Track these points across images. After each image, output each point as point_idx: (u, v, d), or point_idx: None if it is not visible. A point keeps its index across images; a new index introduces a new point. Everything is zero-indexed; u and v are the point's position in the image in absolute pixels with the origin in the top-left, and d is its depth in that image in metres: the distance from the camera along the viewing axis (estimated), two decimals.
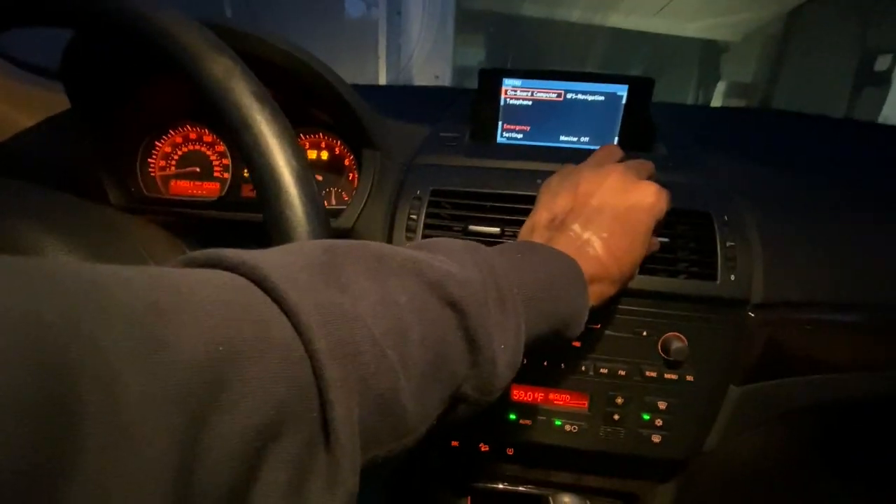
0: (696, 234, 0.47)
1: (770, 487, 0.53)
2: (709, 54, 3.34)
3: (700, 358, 0.46)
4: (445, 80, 2.53)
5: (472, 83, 0.64)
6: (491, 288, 0.26)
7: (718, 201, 0.48)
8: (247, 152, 0.26)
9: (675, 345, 0.45)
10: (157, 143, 0.58)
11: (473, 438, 0.53)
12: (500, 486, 0.57)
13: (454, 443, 0.54)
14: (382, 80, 2.22)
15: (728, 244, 0.46)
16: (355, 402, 0.19)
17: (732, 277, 0.45)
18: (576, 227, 0.36)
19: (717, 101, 2.93)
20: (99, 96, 0.50)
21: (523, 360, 0.48)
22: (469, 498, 0.60)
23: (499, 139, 0.63)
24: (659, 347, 0.46)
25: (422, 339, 0.23)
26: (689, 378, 0.47)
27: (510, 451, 0.54)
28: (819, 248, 0.48)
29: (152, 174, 0.58)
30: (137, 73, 0.51)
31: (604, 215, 0.36)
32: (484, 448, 0.54)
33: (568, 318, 0.32)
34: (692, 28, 2.99)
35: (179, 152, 0.58)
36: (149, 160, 0.58)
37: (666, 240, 0.46)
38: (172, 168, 0.58)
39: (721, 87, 2.94)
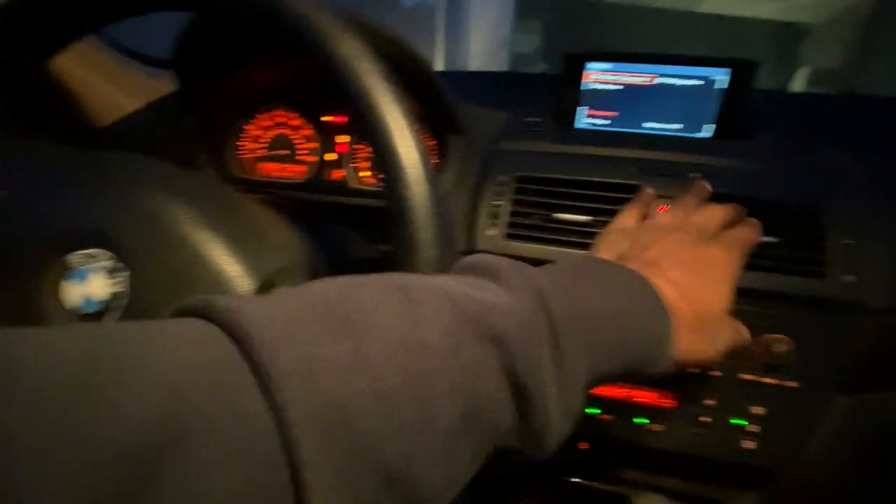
0: (805, 229, 0.43)
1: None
2: (785, 38, 3.08)
3: (804, 363, 0.43)
4: (502, 66, 2.50)
5: (528, 69, 0.62)
6: (542, 318, 0.22)
7: (830, 194, 0.44)
8: (371, 132, 0.26)
9: (779, 347, 0.42)
10: (246, 126, 0.60)
11: None
12: (572, 480, 0.56)
13: None
14: (440, 68, 2.22)
15: (843, 242, 0.42)
16: (347, 480, 0.15)
17: (847, 278, 0.42)
18: (643, 256, 0.31)
19: (797, 87, 2.72)
20: (202, 82, 0.53)
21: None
22: (535, 491, 0.59)
23: (580, 124, 0.60)
24: (759, 349, 0.43)
25: (452, 387, 0.18)
26: (791, 384, 0.44)
27: (583, 446, 0.53)
28: None
29: (243, 156, 0.61)
30: (236, 60, 0.53)
31: (670, 259, 0.31)
32: None
33: (647, 352, 0.26)
34: (771, 9, 2.77)
35: (268, 135, 0.61)
36: (238, 143, 0.61)
37: (773, 239, 0.43)
38: (262, 150, 0.61)
39: (802, 72, 2.71)
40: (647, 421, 0.47)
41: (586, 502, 0.58)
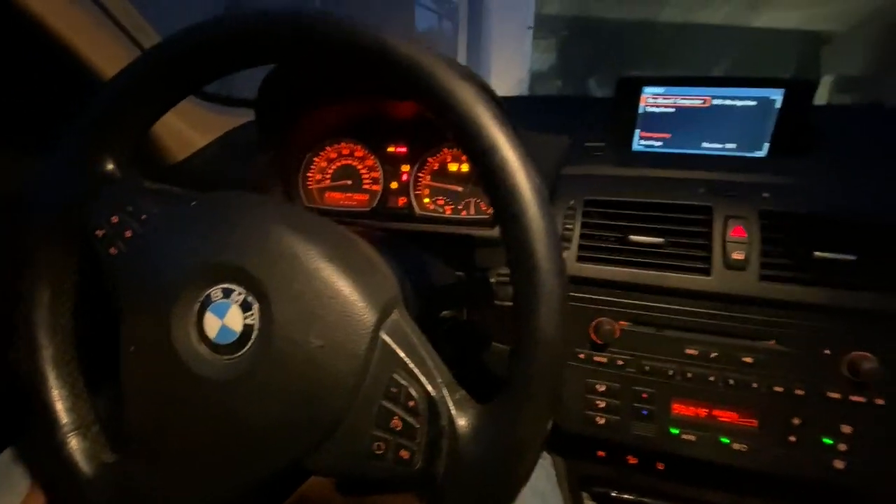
0: (886, 246, 0.43)
1: None
2: (808, 47, 3.07)
3: (892, 380, 0.43)
4: (523, 86, 2.54)
5: (545, 89, 0.64)
6: None
7: None
8: (494, 172, 0.28)
9: (865, 365, 0.42)
10: (315, 158, 0.63)
11: (626, 450, 0.52)
12: (651, 501, 0.56)
13: (600, 453, 0.54)
14: None
15: None
16: None
17: None
18: None
19: (821, 98, 2.69)
20: (280, 120, 0.56)
21: (688, 374, 0.46)
22: None
23: (635, 147, 0.62)
24: (844, 367, 0.43)
25: None
26: (880, 401, 0.43)
27: (660, 466, 0.53)
28: None
29: (310, 186, 0.64)
30: (311, 101, 0.56)
31: None
32: (632, 461, 0.53)
33: None
34: (792, 19, 2.77)
35: (333, 167, 0.63)
36: (307, 174, 0.63)
37: (852, 257, 0.43)
38: (328, 181, 0.64)
39: (826, 81, 2.69)
40: (729, 441, 0.47)
41: None
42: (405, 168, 0.62)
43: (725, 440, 0.47)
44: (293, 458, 0.31)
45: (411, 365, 0.30)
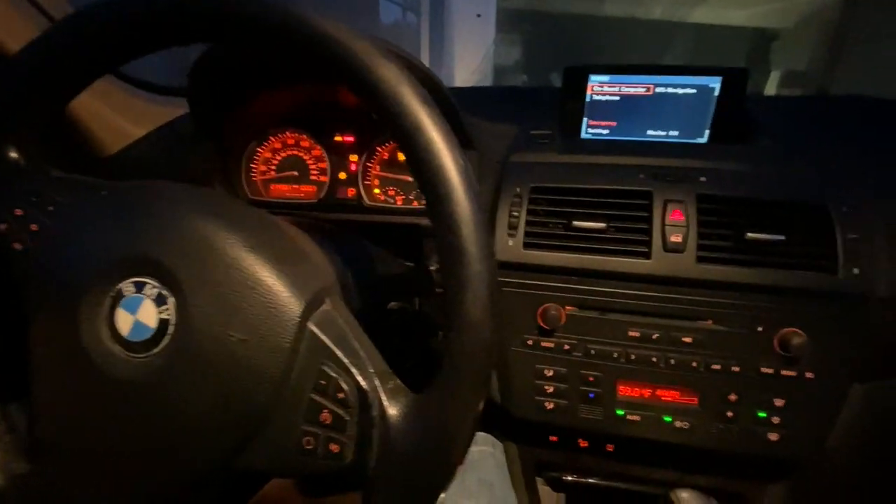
0: (813, 226, 0.45)
1: (891, 494, 0.51)
2: (758, 43, 3.20)
3: (820, 354, 0.45)
4: (486, 80, 2.54)
5: (511, 83, 0.64)
6: None
7: (835, 192, 0.46)
8: (419, 153, 0.27)
9: (795, 340, 0.44)
10: (258, 149, 0.61)
11: (576, 434, 0.53)
12: (603, 482, 0.57)
13: (553, 438, 0.55)
14: None
15: (850, 236, 0.44)
16: None
17: (855, 271, 0.44)
18: None
19: (770, 91, 2.81)
20: (216, 109, 0.53)
21: (631, 356, 0.47)
22: (565, 494, 0.60)
23: (584, 135, 0.63)
24: (776, 343, 0.45)
25: None
26: (809, 375, 0.45)
27: (610, 448, 0.54)
28: None
29: (254, 178, 0.61)
30: (249, 87, 0.54)
31: None
32: (583, 444, 0.54)
33: None
34: (741, 16, 2.88)
35: (279, 157, 0.61)
36: (251, 165, 0.61)
37: (781, 237, 0.45)
38: (272, 172, 0.61)
39: (774, 76, 2.81)
40: (671, 420, 0.48)
41: (616, 503, 0.59)
42: (353, 158, 0.60)
43: (668, 419, 0.48)
44: (219, 458, 0.29)
45: (341, 356, 0.29)
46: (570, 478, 0.58)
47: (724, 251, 0.46)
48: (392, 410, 0.28)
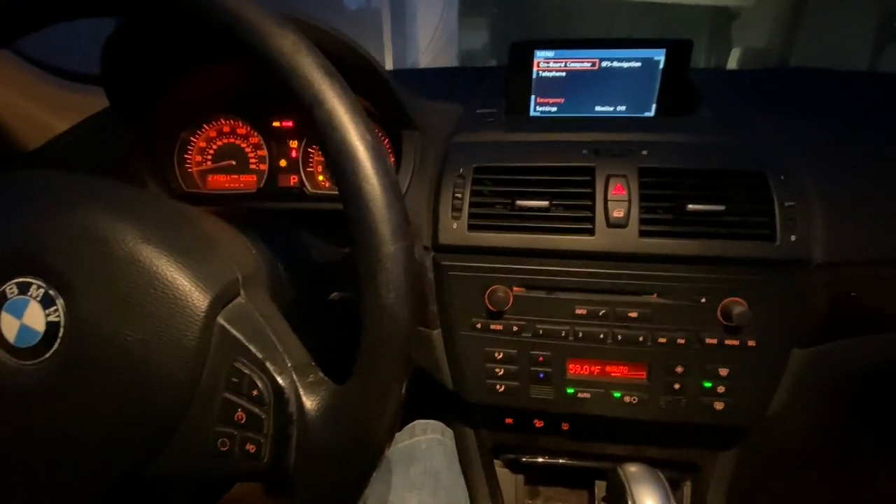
0: (751, 195, 0.45)
1: (834, 454, 0.53)
2: (720, 21, 3.24)
3: (762, 322, 0.45)
4: (453, 63, 2.51)
5: (478, 64, 0.63)
6: None
7: (773, 160, 0.47)
8: (321, 128, 0.25)
9: (736, 310, 0.44)
10: (192, 138, 0.58)
11: (530, 415, 0.53)
12: (560, 461, 0.57)
13: (508, 420, 0.54)
14: (389, 68, 2.20)
15: (786, 204, 0.44)
16: None
17: (793, 238, 0.44)
18: None
19: (732, 66, 2.86)
20: (135, 95, 0.50)
21: (579, 333, 0.47)
22: (524, 476, 0.60)
23: (532, 112, 0.61)
24: (718, 313, 0.45)
25: None
26: (751, 343, 0.46)
27: (565, 427, 0.54)
28: (880, 202, 0.47)
29: (189, 169, 0.58)
30: (171, 70, 0.50)
31: None
32: (538, 424, 0.54)
33: None
34: None
35: (214, 146, 0.58)
36: (185, 156, 0.58)
37: (720, 207, 0.45)
38: (209, 163, 0.58)
39: (735, 53, 2.85)
40: (621, 395, 0.48)
41: (574, 480, 0.60)
42: (293, 144, 0.57)
43: (617, 394, 0.48)
44: (127, 465, 0.27)
45: (255, 351, 0.27)
46: (527, 459, 0.58)
47: (665, 224, 0.45)
48: (310, 405, 0.27)
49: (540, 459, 0.58)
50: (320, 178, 0.58)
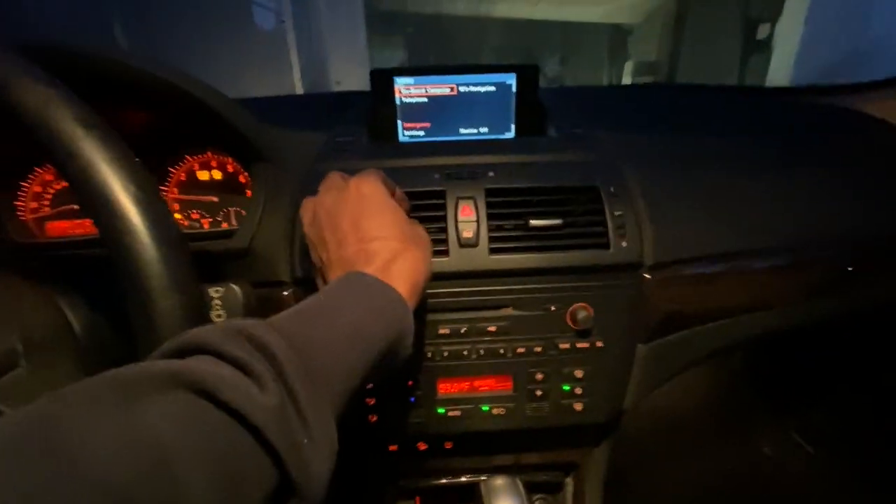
0: (587, 207, 0.49)
1: (694, 432, 0.57)
2: (616, 37, 3.54)
3: (606, 323, 0.49)
4: (358, 84, 2.52)
5: None
6: (281, 388, 0.22)
7: (605, 174, 0.51)
8: (76, 184, 0.24)
9: (581, 314, 0.47)
10: (22, 183, 0.53)
11: (409, 439, 0.53)
12: (444, 480, 0.57)
13: (392, 447, 0.54)
14: (299, 90, 2.16)
15: (616, 213, 0.49)
16: None
17: (624, 244, 0.48)
18: (340, 251, 0.34)
19: (626, 80, 3.11)
20: None
21: (444, 353, 0.48)
22: (417, 498, 0.60)
23: (401, 138, 0.63)
24: (568, 319, 0.48)
25: (199, 462, 0.19)
26: (599, 344, 0.49)
27: (448, 445, 0.54)
28: (698, 203, 0.52)
29: (22, 218, 0.53)
30: None
31: (338, 218, 0.35)
32: (422, 447, 0.54)
33: (391, 345, 0.30)
34: (597, 13, 3.15)
35: (52, 190, 0.53)
36: (15, 203, 0.53)
37: (558, 221, 0.48)
38: (46, 209, 0.53)
39: (628, 66, 3.12)
40: (489, 407, 0.50)
41: (469, 495, 0.60)
42: None
43: (485, 408, 0.50)
44: None
45: None
46: (421, 482, 0.58)
47: (512, 240, 0.48)
48: None
49: (433, 481, 0.58)
50: (177, 216, 0.55)
